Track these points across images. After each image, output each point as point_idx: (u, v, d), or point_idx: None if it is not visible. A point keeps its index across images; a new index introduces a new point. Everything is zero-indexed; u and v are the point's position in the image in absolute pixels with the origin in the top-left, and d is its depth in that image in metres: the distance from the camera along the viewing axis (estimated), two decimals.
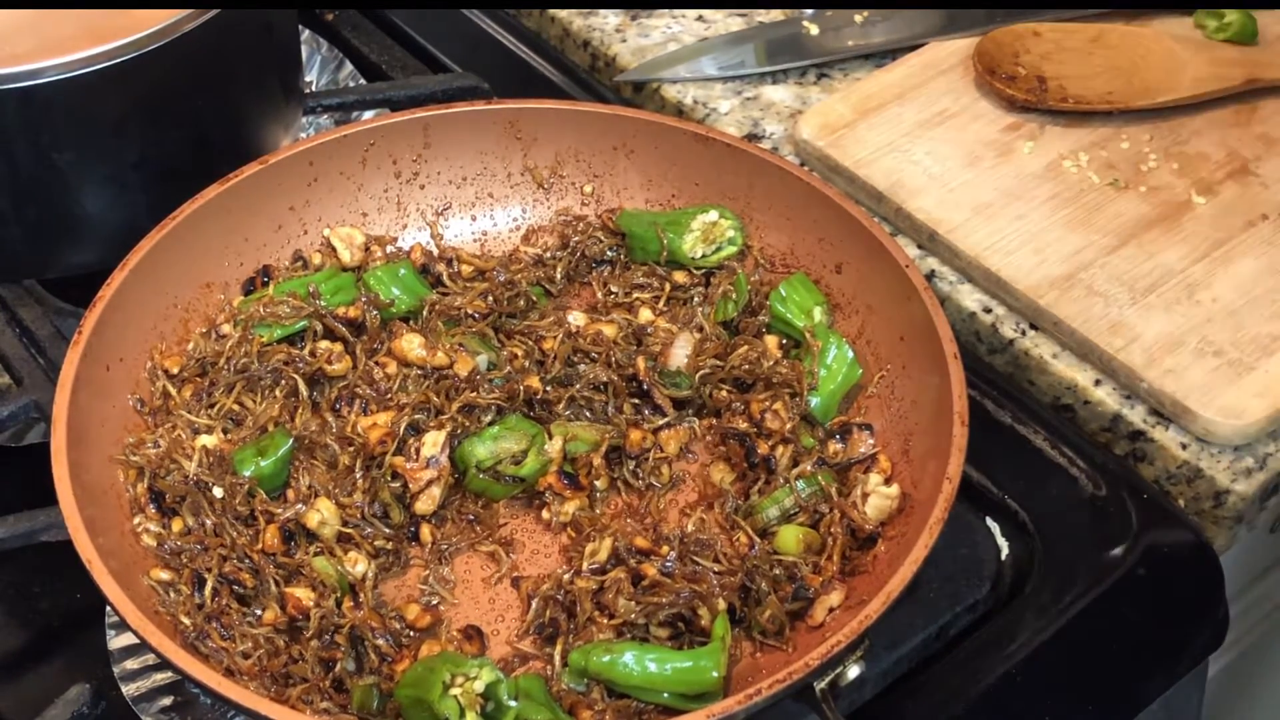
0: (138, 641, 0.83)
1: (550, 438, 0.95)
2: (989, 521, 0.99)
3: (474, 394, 0.95)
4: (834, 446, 0.95)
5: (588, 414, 0.98)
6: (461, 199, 1.09)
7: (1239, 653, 1.37)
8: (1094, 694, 0.94)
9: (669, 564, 0.88)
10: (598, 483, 0.95)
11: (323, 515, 0.90)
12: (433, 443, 0.92)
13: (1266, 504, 1.03)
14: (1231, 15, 1.23)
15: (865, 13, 1.29)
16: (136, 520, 0.90)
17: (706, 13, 1.34)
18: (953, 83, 1.23)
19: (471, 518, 0.94)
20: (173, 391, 0.96)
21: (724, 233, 1.04)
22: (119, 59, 0.95)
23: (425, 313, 1.01)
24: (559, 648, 0.87)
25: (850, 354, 0.97)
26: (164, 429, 0.94)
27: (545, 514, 0.94)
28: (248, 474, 0.91)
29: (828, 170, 1.18)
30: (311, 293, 0.99)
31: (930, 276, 1.12)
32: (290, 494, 0.92)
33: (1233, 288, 1.07)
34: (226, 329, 0.99)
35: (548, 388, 0.98)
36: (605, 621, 0.87)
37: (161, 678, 0.90)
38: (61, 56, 0.94)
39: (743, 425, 0.96)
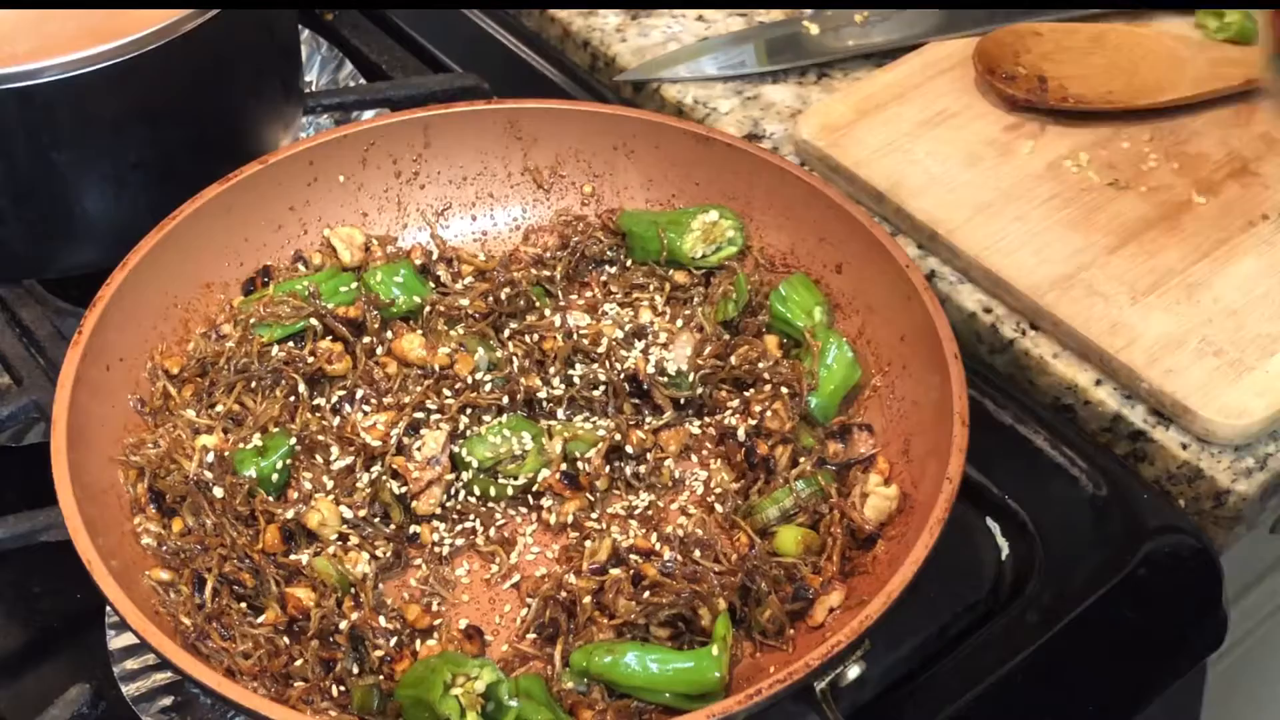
0: (138, 641, 0.83)
1: (550, 438, 0.95)
2: (989, 522, 0.99)
3: (474, 394, 0.95)
4: (834, 446, 0.95)
5: (588, 414, 0.98)
6: (461, 199, 1.09)
7: (1239, 653, 1.37)
8: (1094, 694, 0.94)
9: (669, 564, 0.88)
10: (598, 483, 0.95)
11: (323, 515, 0.90)
12: (433, 443, 0.92)
13: (1267, 504, 1.03)
14: (1231, 15, 1.24)
15: (865, 13, 1.29)
16: (136, 520, 0.90)
17: (706, 12, 1.34)
18: (953, 83, 1.23)
19: (471, 518, 0.94)
20: (173, 391, 0.96)
21: (724, 233, 1.04)
22: (119, 59, 0.95)
23: (425, 313, 1.01)
24: (559, 648, 0.87)
25: (850, 354, 0.97)
26: (164, 429, 0.94)
27: (545, 514, 0.94)
28: (248, 474, 0.91)
29: (828, 170, 1.18)
30: (311, 293, 0.99)
31: (930, 276, 1.12)
32: (290, 494, 0.92)
33: (1233, 288, 1.07)
34: (227, 329, 0.99)
35: (548, 388, 0.98)
36: (605, 621, 0.87)
37: (161, 678, 0.90)
38: (61, 56, 0.94)
39: (742, 425, 0.96)
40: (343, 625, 0.86)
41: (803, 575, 0.88)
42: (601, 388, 0.98)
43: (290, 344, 0.98)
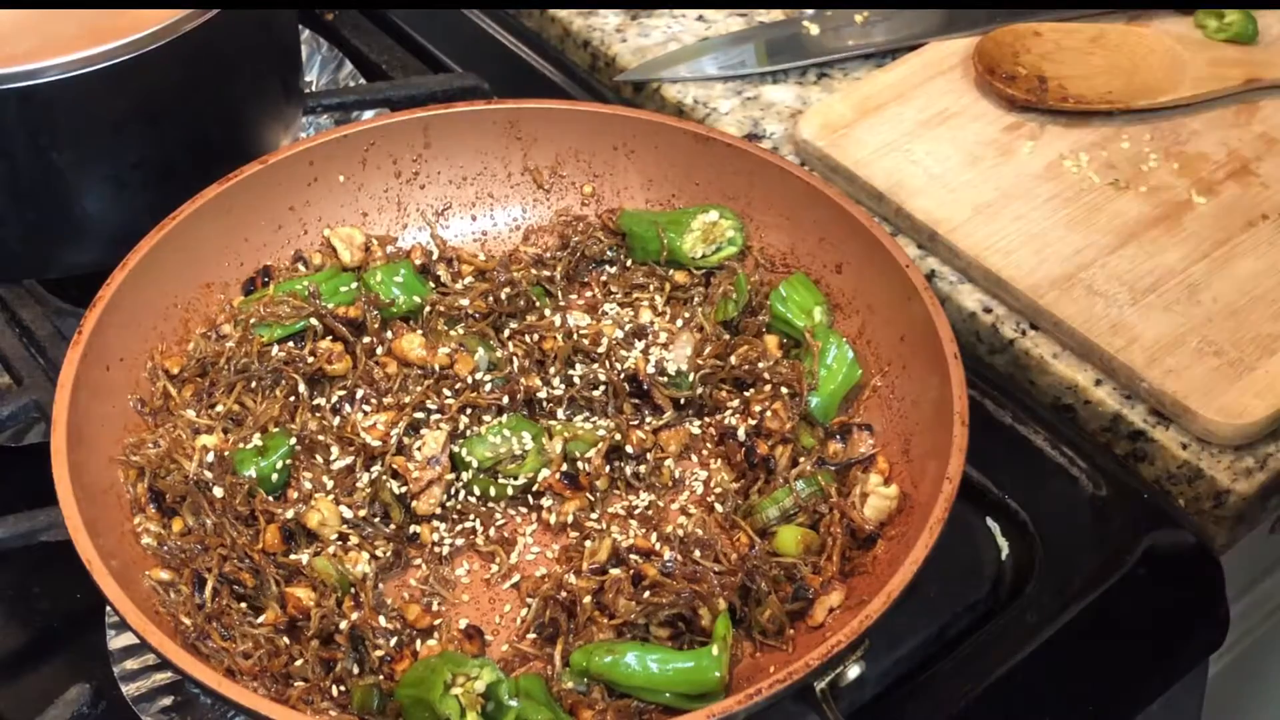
0: (138, 641, 0.83)
1: (550, 438, 0.95)
2: (989, 521, 0.99)
3: (474, 394, 0.95)
4: (834, 446, 0.95)
5: (588, 414, 0.98)
6: (461, 199, 1.09)
7: (1239, 653, 1.37)
8: (1094, 694, 0.94)
9: (669, 564, 0.88)
10: (598, 483, 0.95)
11: (323, 515, 0.90)
12: (433, 443, 0.92)
13: (1267, 504, 1.03)
14: (1231, 15, 1.24)
15: (865, 13, 1.29)
16: (136, 520, 0.90)
17: (706, 13, 1.34)
18: (953, 83, 1.23)
19: (471, 518, 0.94)
20: (173, 391, 0.96)
21: (724, 233, 1.04)
22: (119, 59, 0.95)
23: (425, 313, 1.01)
24: (559, 648, 0.87)
25: (850, 354, 0.97)
26: (164, 429, 0.94)
27: (545, 514, 0.94)
28: (248, 474, 0.91)
29: (828, 170, 1.18)
30: (311, 293, 0.99)
31: (930, 276, 1.12)
32: (290, 494, 0.92)
33: (1233, 288, 1.07)
34: (227, 329, 0.99)
35: (548, 388, 0.98)
36: (605, 621, 0.87)
37: (161, 678, 0.90)
38: (61, 56, 0.94)
39: (742, 425, 0.96)
40: (343, 625, 0.86)
41: (803, 575, 0.88)
42: (601, 388, 0.98)
43: (290, 344, 0.98)
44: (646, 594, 0.87)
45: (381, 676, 0.85)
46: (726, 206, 1.05)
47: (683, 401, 0.98)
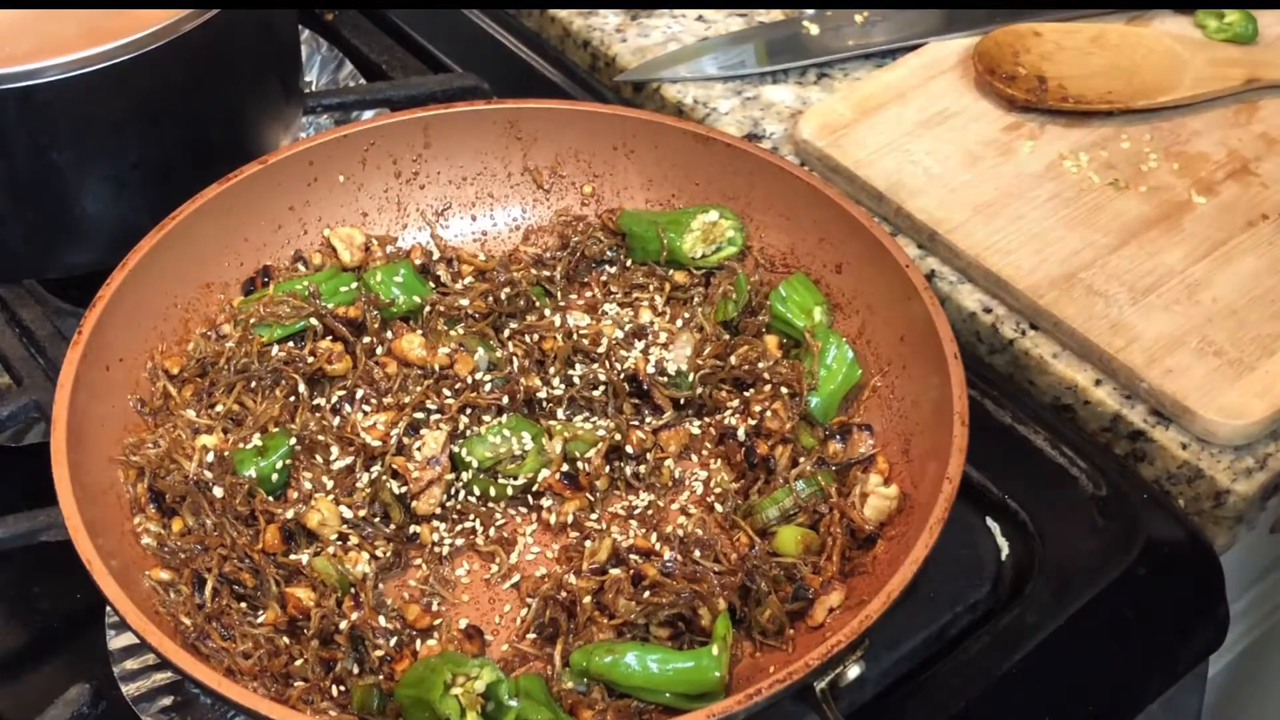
0: (138, 641, 0.83)
1: (550, 438, 0.95)
2: (989, 521, 0.99)
3: (474, 394, 0.95)
4: (834, 446, 0.95)
5: (588, 414, 0.98)
6: (461, 199, 1.09)
7: (1239, 653, 1.37)
8: (1094, 694, 0.94)
9: (669, 564, 0.88)
10: (598, 483, 0.95)
11: (323, 515, 0.90)
12: (433, 443, 0.92)
13: (1267, 504, 1.03)
14: (1231, 15, 1.24)
15: (865, 13, 1.29)
16: (136, 520, 0.90)
17: (706, 13, 1.34)
18: (953, 83, 1.23)
19: (471, 518, 0.94)
20: (173, 391, 0.96)
21: (724, 233, 1.04)
22: (119, 59, 0.95)
23: (425, 313, 1.01)
24: (559, 648, 0.87)
25: (850, 354, 0.97)
26: (164, 429, 0.94)
27: (545, 514, 0.94)
28: (248, 474, 0.91)
29: (828, 170, 1.18)
30: (311, 293, 0.99)
31: (930, 276, 1.12)
32: (290, 494, 0.92)
33: (1233, 287, 1.07)
34: (227, 329, 0.99)
35: (548, 388, 0.98)
36: (605, 621, 0.87)
37: (161, 678, 0.90)
38: (61, 56, 0.94)
39: (742, 425, 0.96)
40: (343, 625, 0.86)
41: (803, 575, 0.88)
42: (601, 388, 0.98)
43: (290, 344, 0.98)
44: (646, 594, 0.87)
45: (381, 676, 0.86)
46: (726, 206, 1.05)
47: (683, 401, 0.98)
